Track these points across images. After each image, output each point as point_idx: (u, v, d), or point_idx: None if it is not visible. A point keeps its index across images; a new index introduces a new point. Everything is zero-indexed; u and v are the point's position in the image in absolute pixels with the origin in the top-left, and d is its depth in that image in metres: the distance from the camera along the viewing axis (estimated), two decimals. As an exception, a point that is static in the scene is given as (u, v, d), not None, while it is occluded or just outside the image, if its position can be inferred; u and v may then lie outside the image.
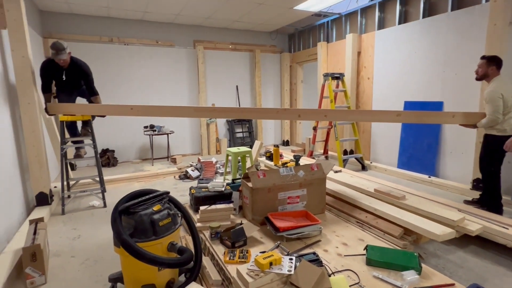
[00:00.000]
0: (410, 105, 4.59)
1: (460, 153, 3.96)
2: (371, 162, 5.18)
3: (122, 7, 5.07)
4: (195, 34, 6.45)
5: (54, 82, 3.53)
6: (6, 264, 2.14)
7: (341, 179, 3.52)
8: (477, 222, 2.43)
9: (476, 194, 3.54)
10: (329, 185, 3.29)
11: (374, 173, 4.86)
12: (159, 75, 6.21)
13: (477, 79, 3.12)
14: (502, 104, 2.85)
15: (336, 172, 3.92)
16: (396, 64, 4.75)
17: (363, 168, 5.07)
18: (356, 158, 5.16)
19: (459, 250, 2.44)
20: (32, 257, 2.00)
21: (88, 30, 5.51)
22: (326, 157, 5.89)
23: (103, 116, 3.96)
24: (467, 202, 3.36)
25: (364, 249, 2.00)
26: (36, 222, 2.45)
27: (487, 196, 3.12)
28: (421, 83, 4.39)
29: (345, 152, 5.57)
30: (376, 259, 1.87)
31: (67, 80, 3.49)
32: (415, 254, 1.88)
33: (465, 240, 2.54)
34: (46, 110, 3.24)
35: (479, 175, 3.56)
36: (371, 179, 3.64)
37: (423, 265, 1.84)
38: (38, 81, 3.46)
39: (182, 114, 3.24)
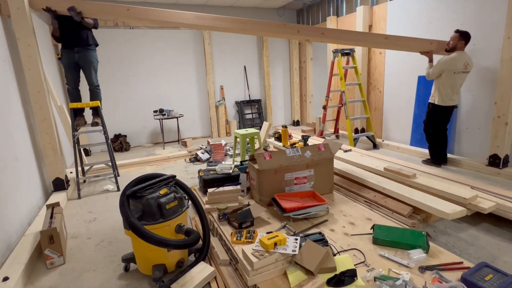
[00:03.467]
0: (424, 80, 4.40)
1: (477, 128, 3.80)
2: (383, 140, 5.07)
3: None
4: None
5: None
6: (28, 246, 2.27)
7: (351, 158, 3.47)
8: (490, 200, 2.36)
9: (493, 171, 3.47)
10: (338, 164, 3.26)
11: (386, 151, 4.76)
12: (166, 58, 6.17)
13: (447, 50, 3.55)
14: (438, 73, 3.52)
15: (345, 151, 3.86)
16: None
17: (375, 146, 4.98)
18: (367, 137, 5.06)
19: (471, 228, 2.40)
20: (49, 240, 2.10)
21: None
22: (337, 136, 5.80)
23: (81, 18, 3.19)
24: (424, 161, 3.97)
25: (371, 228, 1.99)
26: (52, 206, 2.56)
27: (430, 151, 3.86)
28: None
29: (356, 131, 5.46)
30: (383, 238, 1.86)
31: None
32: (423, 232, 1.86)
33: (477, 217, 2.48)
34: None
35: (496, 151, 3.47)
36: (382, 158, 3.57)
37: (431, 243, 1.82)
38: (46, 68, 3.50)
39: (181, 20, 3.11)
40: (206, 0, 5.93)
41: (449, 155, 4.00)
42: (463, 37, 3.40)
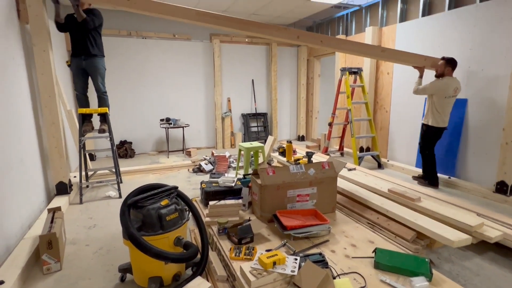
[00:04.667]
0: (431, 102, 4.39)
1: (484, 154, 3.75)
2: (388, 160, 5.03)
3: (140, 1, 5.12)
4: (212, 28, 6.44)
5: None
6: (26, 250, 2.26)
7: (355, 177, 3.44)
8: (497, 229, 2.31)
9: (500, 198, 3.41)
10: (342, 183, 3.23)
11: (391, 171, 4.72)
12: (176, 69, 6.28)
13: (436, 76, 3.71)
14: (427, 94, 3.77)
15: (350, 170, 3.83)
16: (418, 59, 4.53)
17: (380, 166, 4.93)
18: (372, 156, 5.02)
19: (476, 257, 2.33)
20: (48, 245, 2.09)
21: (108, 23, 5.60)
22: (342, 154, 5.77)
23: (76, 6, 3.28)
24: (414, 177, 4.14)
25: (372, 252, 1.94)
26: (53, 211, 2.56)
27: (426, 172, 3.93)
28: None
29: (361, 149, 5.44)
30: (385, 262, 1.82)
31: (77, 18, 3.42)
32: (426, 259, 1.81)
33: (483, 246, 2.41)
34: None
35: (503, 178, 3.41)
36: (386, 179, 3.53)
37: (434, 271, 1.77)
38: (59, 74, 3.58)
39: (182, 15, 3.08)
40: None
41: (455, 179, 3.95)
42: (449, 63, 3.60)
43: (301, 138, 7.56)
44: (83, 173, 3.74)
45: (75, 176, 3.93)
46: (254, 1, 5.27)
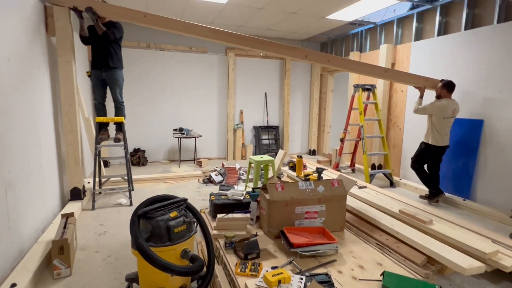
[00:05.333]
0: (446, 122, 4.31)
1: (501, 177, 3.64)
2: (400, 179, 4.93)
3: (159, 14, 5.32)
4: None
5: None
6: (38, 254, 2.33)
7: (365, 196, 3.39)
8: (513, 257, 2.22)
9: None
10: (351, 201, 3.19)
11: (403, 191, 4.62)
12: (191, 80, 6.44)
13: (437, 97, 3.88)
14: (427, 114, 3.91)
15: (360, 187, 3.78)
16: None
17: (391, 184, 4.84)
18: (384, 174, 4.95)
19: (490, 286, 2.24)
20: (60, 250, 2.15)
21: (128, 36, 5.84)
22: (353, 170, 5.71)
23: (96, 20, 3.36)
24: (422, 197, 4.17)
25: (380, 275, 1.90)
26: (67, 216, 2.64)
27: (430, 186, 4.01)
28: (460, 99, 4.11)
29: (373, 167, 5.36)
30: (393, 287, 1.77)
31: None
32: (436, 286, 1.76)
33: (498, 274, 2.31)
34: None
35: (521, 203, 3.28)
36: (397, 198, 3.46)
37: (444, 299, 1.72)
38: (80, 83, 3.74)
39: (195, 32, 3.17)
40: (235, 29, 6.22)
41: (469, 202, 3.83)
42: (445, 86, 3.77)
43: (312, 152, 7.53)
44: (97, 179, 3.84)
45: (89, 182, 4.03)
46: (269, 18, 5.39)
